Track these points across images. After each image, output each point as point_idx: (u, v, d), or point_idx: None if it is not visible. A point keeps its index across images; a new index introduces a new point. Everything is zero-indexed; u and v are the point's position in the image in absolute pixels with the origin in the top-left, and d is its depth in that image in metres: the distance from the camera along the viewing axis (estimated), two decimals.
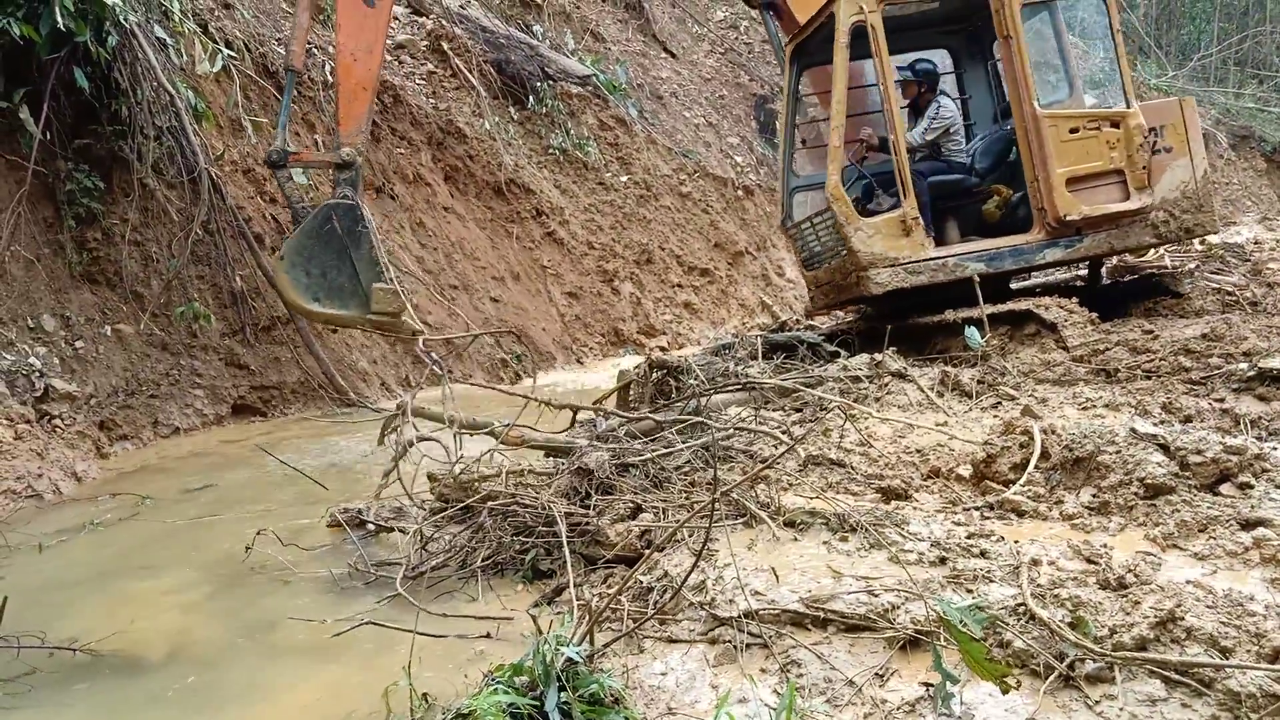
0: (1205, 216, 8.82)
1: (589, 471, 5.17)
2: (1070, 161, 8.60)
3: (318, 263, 8.38)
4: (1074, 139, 8.59)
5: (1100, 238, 8.73)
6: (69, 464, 8.11)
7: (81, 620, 4.94)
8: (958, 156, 9.42)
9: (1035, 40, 9.42)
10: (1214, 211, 8.92)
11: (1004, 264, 8.75)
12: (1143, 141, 8.53)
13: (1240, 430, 4.92)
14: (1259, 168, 31.08)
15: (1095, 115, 8.72)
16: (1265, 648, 2.72)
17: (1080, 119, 8.67)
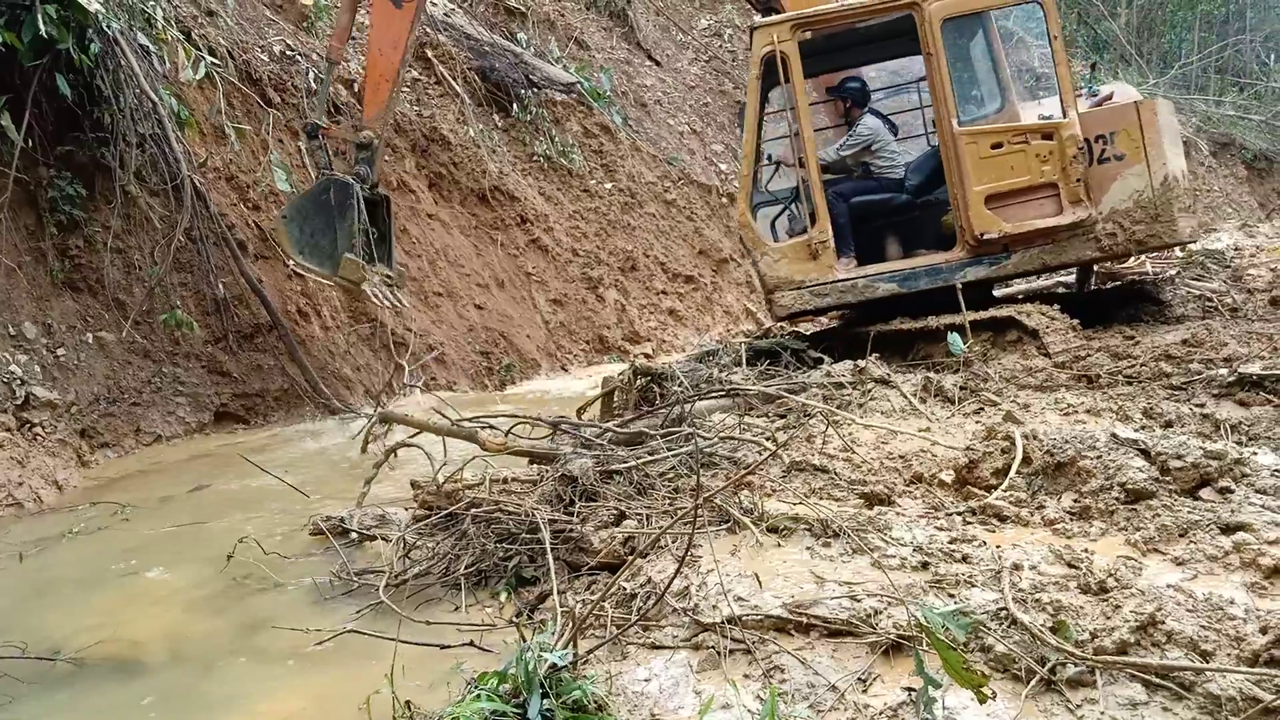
0: (1162, 227, 8.21)
1: (573, 478, 5.17)
2: (992, 178, 8.31)
3: (310, 224, 9.45)
4: (997, 154, 8.31)
5: (1031, 254, 8.36)
6: (50, 472, 8.07)
7: (63, 630, 4.91)
8: (889, 174, 9.31)
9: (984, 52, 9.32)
10: (1173, 221, 8.22)
11: (918, 284, 8.60)
12: (1077, 153, 8.11)
13: (1220, 435, 4.95)
14: (1239, 175, 31.27)
15: (1021, 129, 8.36)
16: (1245, 651, 2.73)
17: (1004, 133, 8.37)
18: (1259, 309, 8.56)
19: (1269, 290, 9.27)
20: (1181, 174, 8.41)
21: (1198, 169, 28.87)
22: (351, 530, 5.78)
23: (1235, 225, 21.91)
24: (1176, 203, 8.19)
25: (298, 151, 12.75)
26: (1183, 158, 8.64)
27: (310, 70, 13.28)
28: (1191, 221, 8.52)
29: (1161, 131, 8.31)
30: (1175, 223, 8.22)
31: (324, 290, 12.06)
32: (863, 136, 9.36)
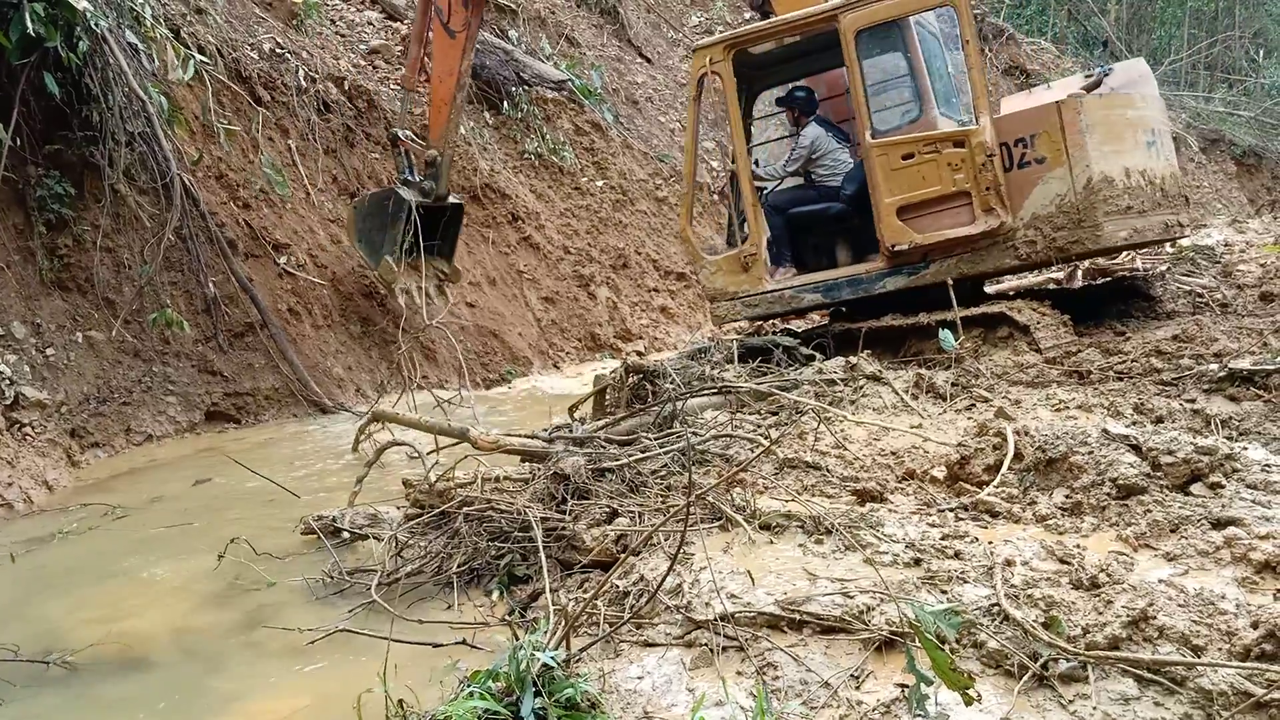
0: (1085, 232, 7.80)
1: (565, 477, 5.17)
2: (904, 188, 8.20)
3: (370, 220, 10.76)
4: (908, 165, 8.19)
5: (949, 263, 8.19)
6: (40, 472, 8.04)
7: (55, 632, 4.90)
8: (829, 182, 9.31)
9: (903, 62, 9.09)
10: (1098, 226, 7.77)
11: (840, 294, 8.79)
12: (986, 160, 7.87)
13: (1211, 430, 4.96)
14: (1229, 171, 31.36)
15: (931, 138, 8.17)
16: (1236, 646, 2.74)
17: (915, 143, 8.21)
18: (1249, 304, 8.58)
19: (1259, 286, 9.29)
20: (1126, 172, 7.90)
21: (1187, 165, 28.95)
22: (343, 529, 5.77)
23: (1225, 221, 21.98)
24: (1102, 206, 7.73)
25: (288, 150, 12.73)
26: (1143, 154, 8.10)
27: (300, 69, 13.25)
28: (1134, 222, 7.93)
29: (1088, 131, 7.82)
30: (1100, 228, 7.77)
31: (314, 289, 12.03)
32: (804, 149, 9.45)
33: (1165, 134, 8.61)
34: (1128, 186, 7.91)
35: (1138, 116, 8.22)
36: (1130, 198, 7.90)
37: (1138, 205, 7.94)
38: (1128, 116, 8.16)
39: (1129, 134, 8.07)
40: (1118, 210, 7.82)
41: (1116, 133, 8.00)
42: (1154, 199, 8.03)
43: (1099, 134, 7.87)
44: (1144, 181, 8.02)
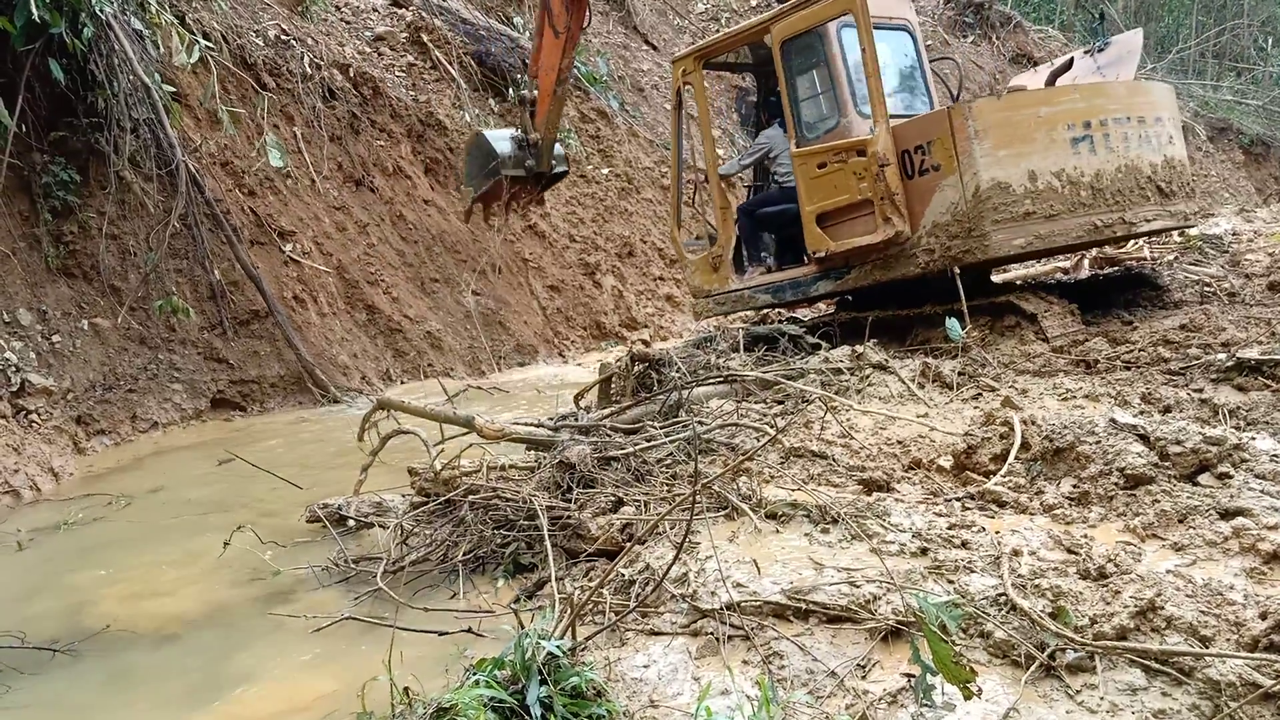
0: (974, 241, 7.54)
1: (570, 465, 5.16)
2: (820, 197, 8.28)
3: (473, 158, 11.57)
4: (823, 174, 8.24)
5: (865, 269, 8.26)
6: (46, 460, 8.06)
7: (60, 619, 4.91)
8: (789, 183, 9.30)
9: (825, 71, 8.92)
10: (984, 235, 7.47)
11: (785, 295, 9.09)
12: (879, 169, 7.81)
13: (1219, 420, 4.94)
14: (1237, 160, 31.22)
15: (839, 148, 8.19)
16: (1244, 636, 2.73)
17: (826, 153, 8.25)
18: (1257, 294, 8.53)
19: (1267, 275, 9.24)
20: (1030, 176, 7.51)
21: (1195, 154, 28.84)
22: (349, 518, 5.77)
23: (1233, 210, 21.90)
24: (991, 215, 7.42)
25: (293, 137, 12.71)
26: (1063, 153, 7.61)
27: (305, 55, 13.22)
28: (1037, 229, 7.52)
29: (977, 138, 7.51)
30: (987, 237, 7.47)
31: (320, 276, 12.03)
32: (759, 146, 9.66)
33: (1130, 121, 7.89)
34: (1031, 191, 7.50)
35: (1056, 113, 7.65)
36: (1034, 203, 7.49)
37: (1044, 210, 7.51)
38: (1040, 115, 7.64)
39: (1041, 134, 7.60)
40: (1011, 218, 7.46)
41: (1021, 135, 7.57)
42: (1075, 201, 7.57)
43: (993, 139, 7.53)
44: (1060, 184, 7.57)
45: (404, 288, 13.07)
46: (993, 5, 30.93)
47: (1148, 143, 7.89)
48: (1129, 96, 8.02)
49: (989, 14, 30.56)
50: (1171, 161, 8.04)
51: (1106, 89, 8.19)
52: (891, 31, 9.05)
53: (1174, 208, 7.99)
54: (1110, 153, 7.70)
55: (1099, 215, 7.64)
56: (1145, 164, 7.84)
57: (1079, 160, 7.63)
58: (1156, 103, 8.15)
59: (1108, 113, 7.75)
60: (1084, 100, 7.80)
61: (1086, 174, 7.61)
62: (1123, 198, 7.71)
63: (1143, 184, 7.80)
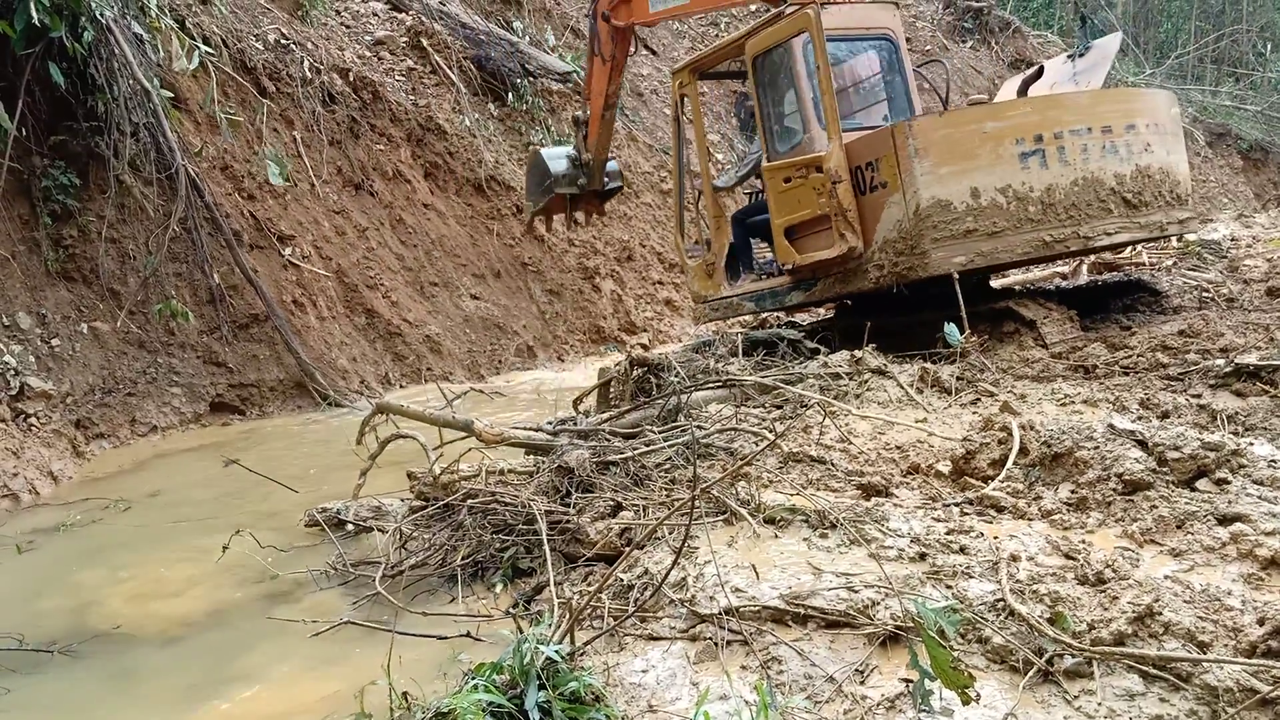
0: (915, 259, 7.53)
1: (569, 470, 5.16)
2: (787, 211, 8.36)
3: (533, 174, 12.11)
4: (789, 188, 8.31)
5: (828, 282, 8.33)
6: (45, 463, 8.06)
7: (59, 621, 4.91)
8: None
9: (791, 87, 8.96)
10: (924, 253, 7.45)
11: (766, 304, 9.26)
12: (831, 185, 7.85)
13: (1217, 426, 4.94)
14: (1235, 165, 31.28)
15: (800, 163, 8.21)
16: (1242, 642, 2.73)
17: (790, 168, 8.32)
18: (1255, 299, 8.54)
19: (1265, 280, 9.25)
20: (973, 193, 7.40)
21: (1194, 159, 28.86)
22: (347, 522, 5.77)
23: (1231, 215, 21.93)
24: (930, 233, 7.38)
25: (293, 141, 12.72)
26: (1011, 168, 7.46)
27: (305, 60, 13.24)
28: (979, 246, 7.42)
29: (917, 156, 7.43)
30: (926, 255, 7.43)
31: (319, 281, 12.04)
32: (753, 157, 9.69)
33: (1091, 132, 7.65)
34: (974, 209, 7.41)
35: (1003, 128, 7.50)
36: (976, 220, 7.39)
37: (986, 227, 7.40)
38: (985, 131, 7.48)
39: (986, 150, 7.45)
40: (952, 236, 7.39)
41: (964, 151, 7.45)
42: (1021, 217, 7.45)
43: (934, 156, 7.44)
44: (1006, 200, 7.44)
45: (403, 291, 13.08)
46: (992, 10, 30.98)
47: (1113, 153, 7.66)
48: (1092, 106, 7.80)
49: (988, 19, 30.62)
50: (1146, 171, 7.77)
51: (1064, 100, 8.01)
52: (870, 42, 9.10)
53: (1146, 219, 7.74)
54: (1065, 166, 7.53)
55: (1049, 230, 7.48)
56: (1109, 176, 7.62)
57: (1028, 175, 7.49)
58: (1133, 110, 7.88)
59: (1064, 125, 7.57)
60: (1036, 113, 7.66)
61: (1036, 189, 7.46)
62: (1078, 212, 7.52)
63: (1104, 197, 7.60)
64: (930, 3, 31.13)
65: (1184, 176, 8.09)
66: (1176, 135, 8.16)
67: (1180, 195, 7.98)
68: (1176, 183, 7.97)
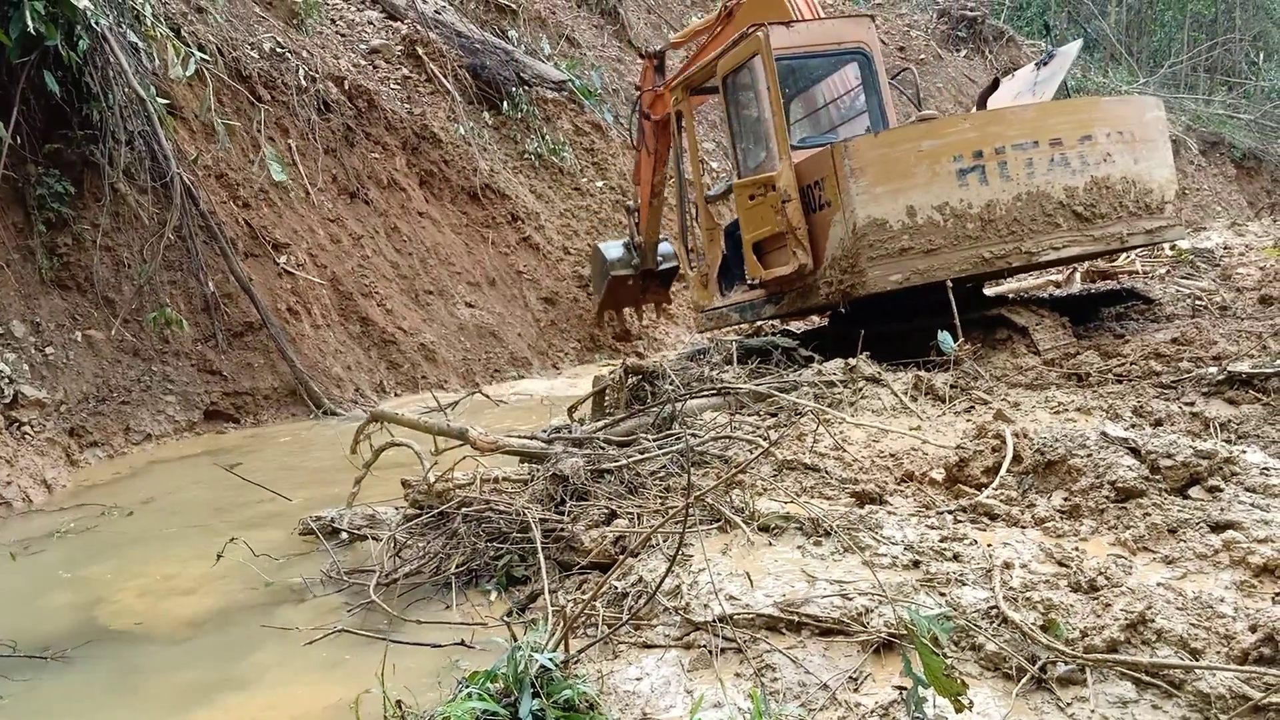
0: (854, 277, 7.55)
1: (564, 478, 5.16)
2: (753, 227, 8.48)
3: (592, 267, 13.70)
4: (753, 205, 8.42)
5: (792, 297, 8.44)
6: (39, 471, 8.04)
7: (52, 628, 4.90)
8: None
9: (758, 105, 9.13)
10: (861, 272, 7.48)
11: (747, 315, 9.42)
12: (781, 204, 7.97)
13: (1210, 434, 4.95)
14: (1229, 174, 31.37)
15: (759, 181, 8.34)
16: (1235, 649, 2.73)
17: (752, 186, 8.44)
18: (1248, 307, 8.56)
19: (1258, 289, 9.28)
20: (909, 211, 7.40)
21: (1187, 168, 28.97)
22: (342, 530, 5.77)
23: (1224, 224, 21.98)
24: (866, 251, 7.41)
25: (288, 149, 12.73)
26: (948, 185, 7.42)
27: (300, 68, 13.25)
28: (915, 264, 7.43)
29: (853, 175, 7.43)
30: (864, 273, 7.45)
31: (314, 289, 12.04)
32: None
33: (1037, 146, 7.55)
34: (909, 227, 7.41)
35: (940, 145, 7.44)
36: (912, 238, 7.40)
37: (922, 245, 7.40)
38: (921, 149, 7.44)
39: (922, 168, 7.42)
40: (888, 254, 7.41)
41: (899, 170, 7.43)
42: (959, 234, 7.41)
43: (869, 176, 7.44)
44: (943, 217, 7.40)
45: (398, 300, 13.08)
46: (986, 20, 31.10)
47: (1063, 166, 7.55)
48: (1039, 119, 7.66)
49: (982, 28, 30.74)
50: (1104, 182, 7.62)
51: (1006, 115, 7.90)
52: (841, 58, 9.13)
53: (1102, 231, 7.62)
54: (1007, 181, 7.45)
55: (989, 247, 7.44)
56: (1057, 189, 7.52)
57: (966, 192, 7.43)
58: (1090, 120, 7.74)
59: (1006, 140, 7.49)
60: (975, 129, 7.58)
61: (975, 205, 7.41)
62: (1021, 227, 7.45)
63: (1050, 211, 7.50)
64: (924, 12, 31.25)
65: (1160, 184, 7.89)
66: (1154, 142, 7.98)
67: (1151, 204, 7.81)
68: (1147, 191, 7.79)
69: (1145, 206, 7.78)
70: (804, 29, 8.69)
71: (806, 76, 9.54)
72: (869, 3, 30.82)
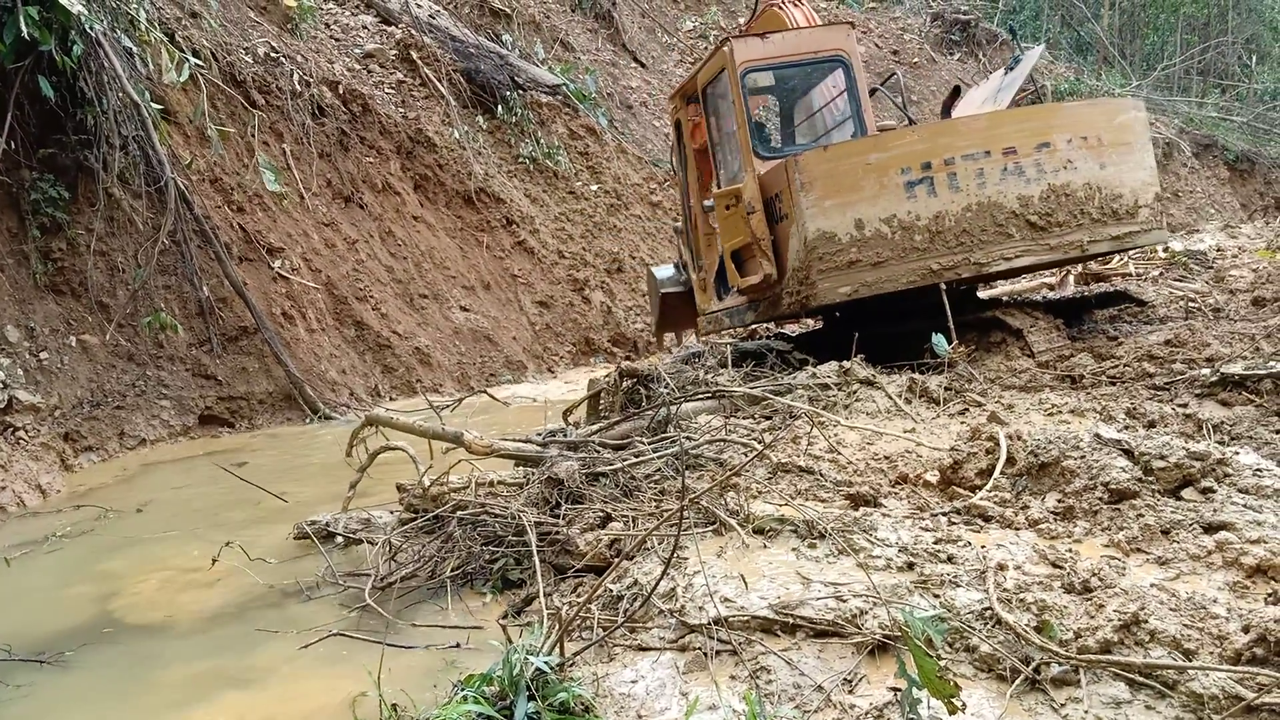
0: (808, 289, 7.59)
1: (559, 481, 5.17)
2: (730, 237, 8.61)
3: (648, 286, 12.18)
4: (729, 215, 8.51)
5: (765, 306, 8.50)
6: (33, 476, 8.03)
7: (46, 632, 4.89)
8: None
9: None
10: (813, 284, 7.51)
11: (737, 320, 9.46)
12: (745, 216, 8.10)
13: (1203, 435, 4.97)
14: (1221, 176, 31.45)
15: (729, 193, 8.47)
16: (1228, 650, 2.74)
17: (726, 197, 8.54)
18: (1241, 309, 8.59)
19: (1251, 290, 9.30)
20: (857, 224, 7.44)
21: (1180, 170, 29.04)
22: (337, 534, 5.77)
23: (1217, 226, 22.04)
24: (816, 264, 7.44)
25: (282, 154, 12.73)
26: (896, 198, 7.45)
27: (294, 72, 13.25)
28: (864, 276, 7.46)
29: (803, 189, 7.46)
30: (814, 285, 7.48)
31: (309, 293, 12.03)
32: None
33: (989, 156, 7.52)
34: (858, 239, 7.45)
35: (888, 158, 7.46)
36: (860, 251, 7.45)
37: (870, 258, 7.44)
38: (869, 162, 7.47)
39: (870, 181, 7.46)
40: (836, 267, 7.45)
41: (847, 184, 7.47)
42: (906, 246, 7.46)
43: (819, 190, 7.49)
44: (891, 230, 7.46)
45: (393, 304, 13.08)
46: (979, 23, 31.18)
47: (1017, 175, 7.52)
48: (991, 129, 7.65)
49: (975, 32, 30.82)
50: (1064, 189, 7.57)
51: (957, 126, 7.92)
52: (821, 66, 9.16)
53: (1059, 239, 7.56)
54: (956, 192, 7.46)
55: (937, 258, 7.46)
56: (1010, 199, 7.50)
57: (914, 204, 7.46)
58: (1049, 127, 7.65)
59: (955, 150, 7.48)
60: (924, 141, 7.57)
61: (924, 217, 7.44)
62: (970, 238, 7.46)
63: (1002, 221, 7.49)
64: (918, 15, 31.31)
65: (1133, 188, 7.76)
66: (1128, 145, 7.83)
67: (1120, 210, 7.70)
68: (1115, 197, 7.68)
69: (1112, 212, 7.68)
70: (779, 39, 8.74)
71: (800, 84, 9.60)
72: (863, 6, 30.88)
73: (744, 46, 8.47)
